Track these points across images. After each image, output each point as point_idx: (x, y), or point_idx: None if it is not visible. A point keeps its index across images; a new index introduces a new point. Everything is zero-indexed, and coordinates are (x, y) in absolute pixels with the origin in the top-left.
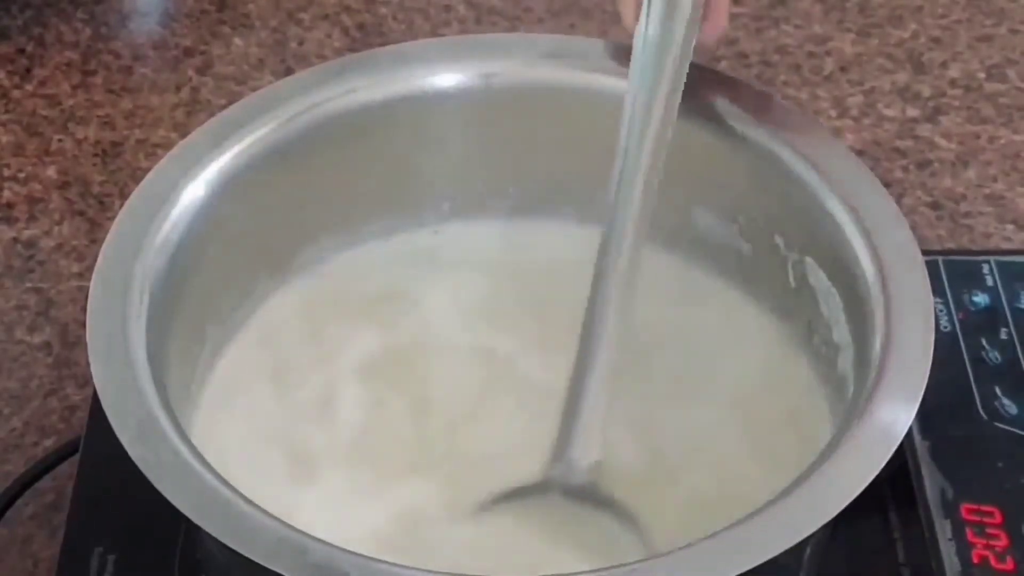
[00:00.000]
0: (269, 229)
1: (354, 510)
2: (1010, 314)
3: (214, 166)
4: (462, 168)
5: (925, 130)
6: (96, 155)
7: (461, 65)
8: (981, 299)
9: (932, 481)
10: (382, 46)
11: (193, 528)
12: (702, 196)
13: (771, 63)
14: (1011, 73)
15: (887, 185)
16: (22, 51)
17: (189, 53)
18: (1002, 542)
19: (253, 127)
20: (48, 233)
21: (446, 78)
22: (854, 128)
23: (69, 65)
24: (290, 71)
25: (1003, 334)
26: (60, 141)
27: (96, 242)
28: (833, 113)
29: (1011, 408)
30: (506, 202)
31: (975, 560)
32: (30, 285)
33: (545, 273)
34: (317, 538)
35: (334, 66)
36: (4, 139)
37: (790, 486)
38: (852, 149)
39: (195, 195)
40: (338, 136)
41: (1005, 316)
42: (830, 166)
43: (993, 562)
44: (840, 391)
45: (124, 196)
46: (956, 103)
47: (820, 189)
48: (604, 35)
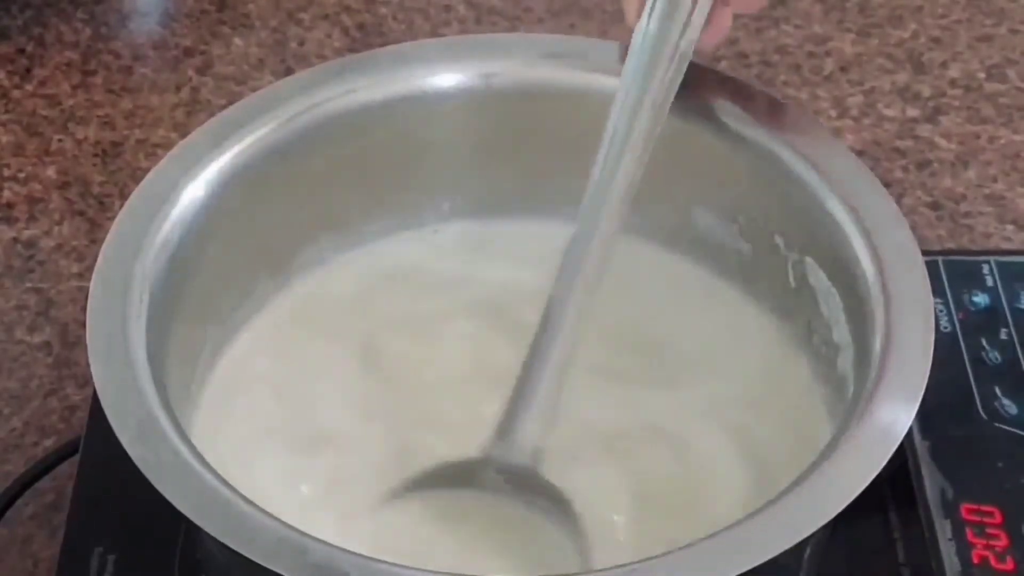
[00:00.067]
0: (269, 229)
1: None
2: (1010, 314)
3: (214, 166)
4: (462, 168)
5: (925, 130)
6: (96, 155)
7: (461, 65)
8: (981, 299)
9: (932, 481)
10: (382, 46)
11: (193, 528)
12: (702, 196)
13: (771, 63)
14: (1011, 73)
15: (887, 185)
16: (22, 51)
17: (189, 53)
18: (1002, 542)
19: (253, 127)
20: (48, 233)
21: (446, 78)
22: (854, 128)
23: (69, 65)
24: (290, 71)
25: (1003, 334)
26: (60, 141)
27: (96, 242)
28: (833, 113)
29: (1011, 408)
30: (506, 202)
31: (975, 560)
32: (30, 285)
33: (545, 273)
34: (317, 538)
35: (334, 66)
36: (4, 139)
37: (790, 486)
38: (852, 149)
39: (195, 195)
40: (338, 136)
41: (1005, 316)
42: (830, 166)
43: (993, 562)
44: (840, 391)
45: (124, 196)
46: (956, 103)
47: (820, 189)
48: (604, 35)
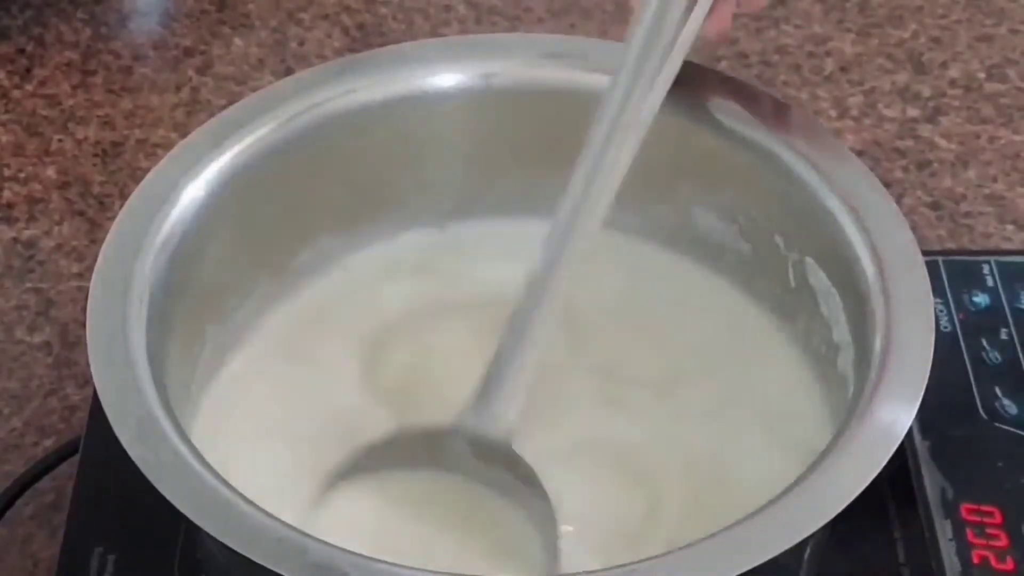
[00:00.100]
0: (269, 229)
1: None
2: (1010, 314)
3: (214, 166)
4: (462, 168)
5: (925, 130)
6: (96, 155)
7: (461, 65)
8: (981, 299)
9: (932, 481)
10: (382, 46)
11: (193, 528)
12: (702, 196)
13: (771, 63)
14: (1011, 73)
15: (887, 185)
16: (22, 51)
17: (189, 53)
18: (1002, 542)
19: (253, 127)
20: (48, 233)
21: (446, 78)
22: (854, 128)
23: (69, 65)
24: (290, 71)
25: (1003, 334)
26: (60, 141)
27: (96, 242)
28: (833, 113)
29: (1011, 408)
30: (506, 202)
31: (975, 560)
32: (30, 285)
33: None
34: (317, 538)
35: (334, 66)
36: (4, 139)
37: (790, 486)
38: (852, 149)
39: (195, 195)
40: (338, 136)
41: (1005, 316)
42: (830, 166)
43: (993, 562)
44: (840, 391)
45: (124, 196)
46: (956, 103)
47: (820, 189)
48: (604, 35)
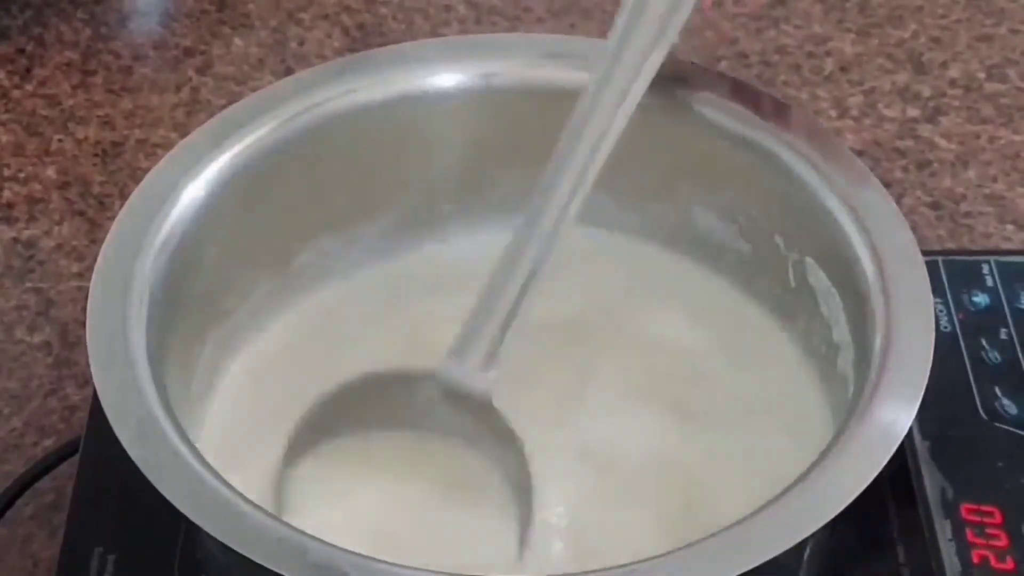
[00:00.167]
0: (269, 229)
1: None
2: (1010, 314)
3: (214, 166)
4: (462, 168)
5: (925, 130)
6: (96, 155)
7: (461, 65)
8: (981, 299)
9: (932, 481)
10: (382, 46)
11: (193, 528)
12: (702, 196)
13: (771, 63)
14: (1011, 73)
15: (887, 185)
16: (22, 51)
17: (189, 53)
18: (1002, 542)
19: (253, 127)
20: (48, 233)
21: (446, 78)
22: (854, 128)
23: (69, 65)
24: (290, 71)
25: (1003, 334)
26: (60, 141)
27: (96, 242)
28: (833, 113)
29: (1011, 408)
30: (506, 202)
31: (975, 560)
32: (30, 285)
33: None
34: (317, 538)
35: (334, 66)
36: (4, 139)
37: (790, 486)
38: (852, 149)
39: (195, 195)
40: (338, 136)
41: (1005, 316)
42: (830, 166)
43: (993, 562)
44: (840, 391)
45: (124, 196)
46: (956, 103)
47: (820, 189)
48: (604, 35)
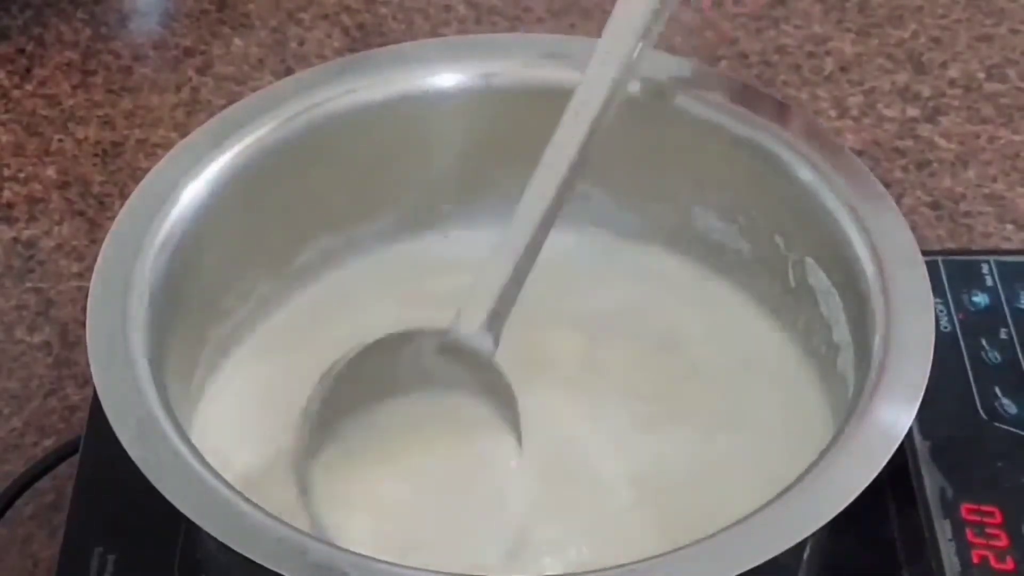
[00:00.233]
0: (269, 229)
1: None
2: (1010, 314)
3: (214, 166)
4: (462, 168)
5: (925, 130)
6: (96, 155)
7: (461, 65)
8: (981, 299)
9: (932, 481)
10: (382, 46)
11: (193, 528)
12: (702, 196)
13: (771, 63)
14: (1011, 73)
15: (887, 185)
16: (22, 51)
17: (189, 53)
18: (1002, 542)
19: (253, 127)
20: (48, 233)
21: (446, 78)
22: (854, 128)
23: (69, 65)
24: (290, 71)
25: (1003, 334)
26: (60, 141)
27: (96, 242)
28: (833, 113)
29: (1011, 408)
30: (506, 202)
31: (975, 560)
32: (30, 285)
33: (544, 272)
34: (317, 538)
35: (334, 66)
36: (4, 139)
37: (790, 486)
38: (852, 149)
39: (195, 195)
40: (338, 136)
41: (1005, 316)
42: (830, 166)
43: (993, 562)
44: (840, 391)
45: (124, 196)
46: (956, 103)
47: (820, 189)
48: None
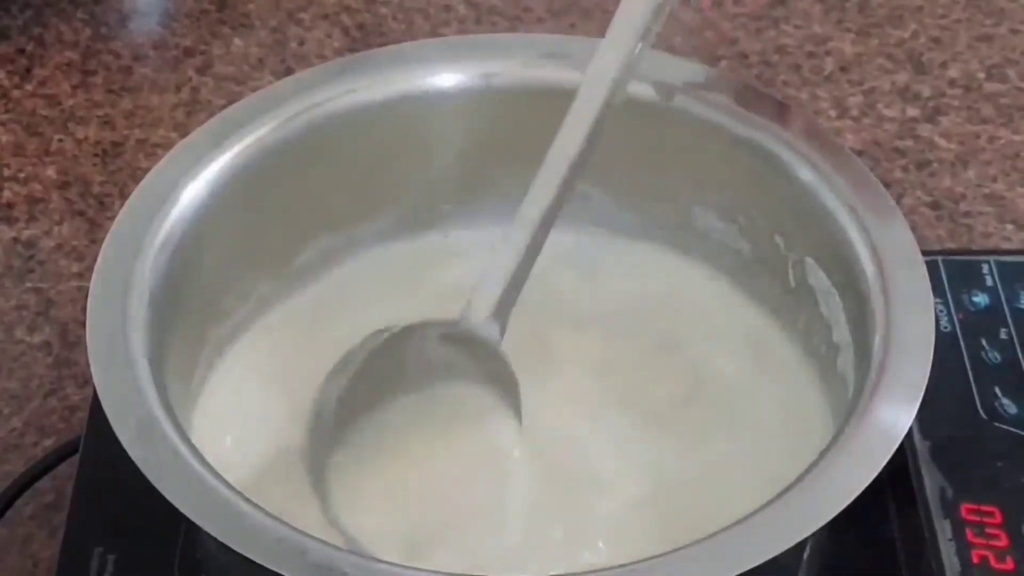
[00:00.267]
0: (269, 229)
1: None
2: (1010, 314)
3: (214, 166)
4: (462, 168)
5: (925, 130)
6: (96, 155)
7: (461, 65)
8: (981, 299)
9: (932, 481)
10: (382, 46)
11: (193, 528)
12: (702, 196)
13: (771, 63)
14: (1011, 73)
15: (887, 185)
16: (22, 51)
17: (189, 53)
18: (1002, 542)
19: (253, 127)
20: (48, 233)
21: (446, 78)
22: (854, 128)
23: (69, 65)
24: (290, 71)
25: (1003, 334)
26: (60, 141)
27: (96, 242)
28: (833, 113)
29: (1011, 408)
30: (506, 202)
31: (975, 560)
32: (30, 285)
33: (544, 273)
34: (317, 538)
35: (334, 66)
36: (4, 139)
37: (790, 486)
38: (852, 149)
39: (195, 195)
40: (338, 136)
41: (1005, 316)
42: (830, 166)
43: (993, 562)
44: (840, 391)
45: (124, 196)
46: (956, 103)
47: (820, 189)
48: (604, 35)
